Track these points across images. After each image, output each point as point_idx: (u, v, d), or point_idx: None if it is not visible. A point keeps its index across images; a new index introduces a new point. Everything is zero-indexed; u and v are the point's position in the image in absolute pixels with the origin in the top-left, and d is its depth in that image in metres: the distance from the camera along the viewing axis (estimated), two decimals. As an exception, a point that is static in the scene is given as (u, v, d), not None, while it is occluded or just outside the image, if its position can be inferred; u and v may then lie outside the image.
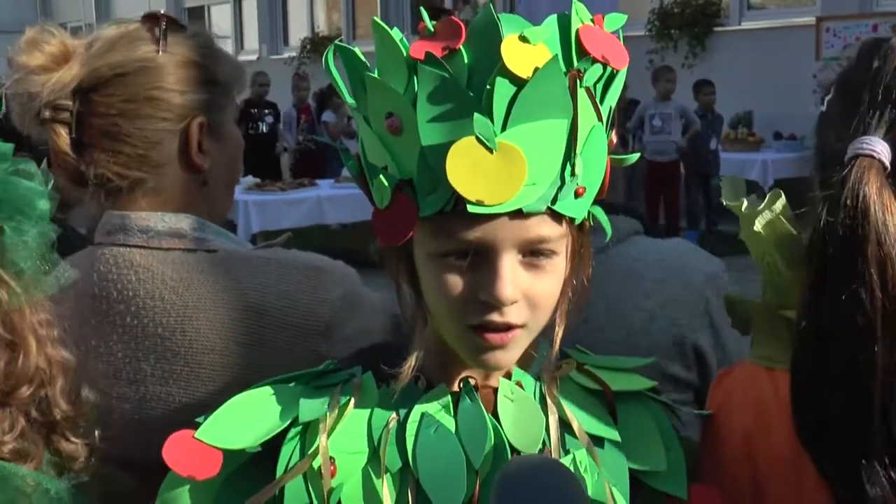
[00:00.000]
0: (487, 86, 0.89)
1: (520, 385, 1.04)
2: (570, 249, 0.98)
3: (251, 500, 0.98)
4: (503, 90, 0.88)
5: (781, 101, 9.98)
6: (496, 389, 1.03)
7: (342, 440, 1.00)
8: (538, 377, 1.06)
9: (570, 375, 1.09)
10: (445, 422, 1.01)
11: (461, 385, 1.04)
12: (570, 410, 1.05)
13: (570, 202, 0.95)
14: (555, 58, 0.89)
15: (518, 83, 0.88)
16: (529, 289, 0.95)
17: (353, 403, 1.02)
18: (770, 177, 9.29)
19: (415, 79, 0.91)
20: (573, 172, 0.93)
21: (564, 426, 1.04)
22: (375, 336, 1.33)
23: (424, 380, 1.04)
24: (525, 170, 0.90)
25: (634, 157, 1.06)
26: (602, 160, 0.98)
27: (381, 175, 0.95)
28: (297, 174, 10.43)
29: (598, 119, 0.95)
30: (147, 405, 1.32)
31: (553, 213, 0.94)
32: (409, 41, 0.94)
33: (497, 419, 1.02)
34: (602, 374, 1.10)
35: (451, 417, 1.02)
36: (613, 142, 1.01)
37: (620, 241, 1.57)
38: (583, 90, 0.93)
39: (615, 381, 1.10)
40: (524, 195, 0.91)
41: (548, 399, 1.04)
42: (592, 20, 0.95)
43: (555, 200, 0.93)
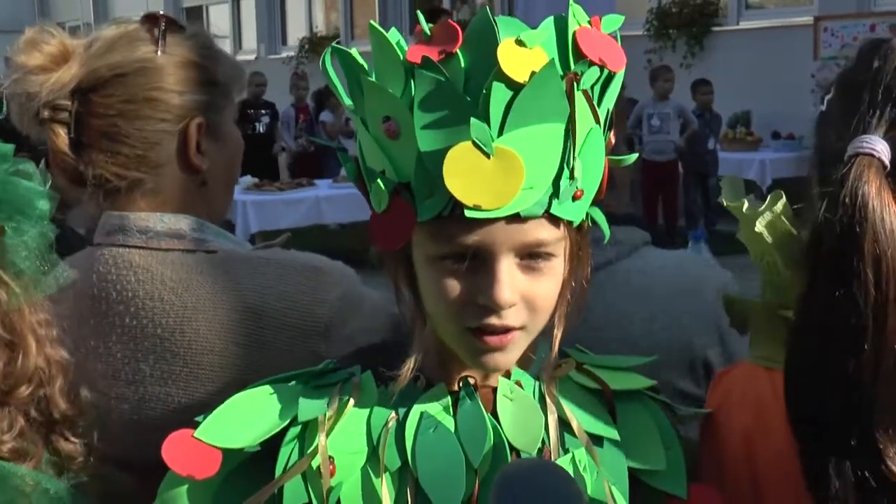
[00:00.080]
0: (484, 90, 0.88)
1: (519, 384, 1.04)
2: (569, 251, 0.98)
3: (250, 500, 0.98)
4: (500, 95, 0.88)
5: (779, 101, 9.97)
6: (495, 389, 1.03)
7: (341, 439, 1.00)
8: (537, 377, 1.06)
9: (570, 375, 1.09)
10: (445, 421, 1.01)
11: (460, 384, 1.04)
12: (570, 410, 1.05)
13: (568, 205, 0.95)
14: (551, 62, 0.89)
15: (515, 88, 0.88)
16: (528, 291, 0.95)
17: (353, 403, 1.02)
18: (768, 176, 9.30)
19: (412, 83, 0.90)
20: (571, 176, 0.93)
21: (564, 425, 1.04)
22: (375, 336, 1.32)
23: (424, 379, 1.04)
24: (522, 175, 0.89)
25: (633, 158, 1.06)
26: (600, 163, 0.98)
27: (379, 179, 0.95)
28: (295, 174, 10.42)
29: (596, 122, 0.95)
30: (146, 406, 1.31)
31: (551, 217, 0.93)
32: (408, 41, 0.93)
33: (496, 418, 1.02)
34: (601, 374, 1.10)
35: (451, 417, 1.02)
36: (612, 143, 1.01)
37: (627, 255, 1.55)
38: (580, 93, 0.92)
39: (614, 381, 1.10)
40: (521, 199, 0.90)
41: (547, 398, 1.04)
42: (590, 22, 0.95)
43: (552, 204, 0.93)
